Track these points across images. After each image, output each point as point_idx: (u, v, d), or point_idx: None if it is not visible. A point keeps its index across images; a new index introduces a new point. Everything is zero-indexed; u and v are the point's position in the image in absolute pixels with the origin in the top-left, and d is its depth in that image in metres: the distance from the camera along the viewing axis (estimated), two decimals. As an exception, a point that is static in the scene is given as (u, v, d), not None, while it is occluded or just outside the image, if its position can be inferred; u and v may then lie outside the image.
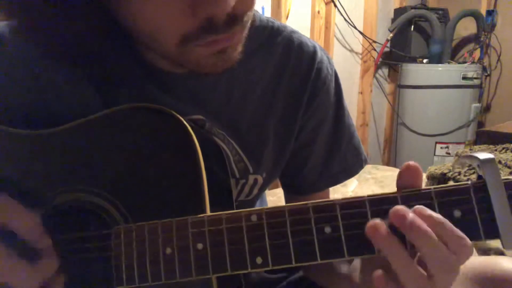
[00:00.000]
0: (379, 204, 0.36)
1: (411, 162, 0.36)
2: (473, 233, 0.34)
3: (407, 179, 0.36)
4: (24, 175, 0.46)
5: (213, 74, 0.44)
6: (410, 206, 0.34)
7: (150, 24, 0.38)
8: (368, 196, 0.36)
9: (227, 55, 0.42)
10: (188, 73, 0.50)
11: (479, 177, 0.34)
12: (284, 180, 0.66)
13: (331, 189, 0.66)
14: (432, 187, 0.35)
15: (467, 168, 1.38)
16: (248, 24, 0.42)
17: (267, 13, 1.84)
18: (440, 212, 0.34)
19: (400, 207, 0.33)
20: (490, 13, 2.28)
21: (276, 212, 0.38)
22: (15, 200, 0.40)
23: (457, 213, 0.34)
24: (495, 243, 1.04)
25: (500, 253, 0.98)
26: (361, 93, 2.39)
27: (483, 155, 0.33)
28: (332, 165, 0.61)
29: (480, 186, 0.34)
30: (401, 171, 0.36)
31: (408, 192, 0.35)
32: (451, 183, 1.41)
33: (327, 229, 0.36)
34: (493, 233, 0.33)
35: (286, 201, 0.69)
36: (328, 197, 0.67)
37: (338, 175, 0.62)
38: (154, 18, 0.37)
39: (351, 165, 0.63)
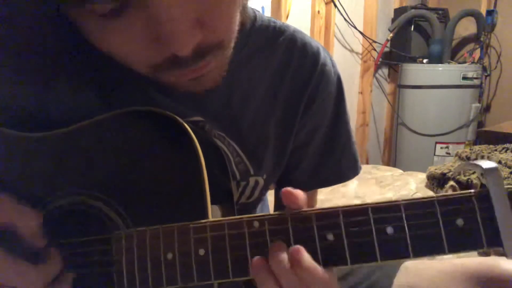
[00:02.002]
0: (382, 212, 0.36)
1: (284, 189, 0.38)
2: (476, 242, 0.34)
3: (289, 204, 0.38)
4: (25, 178, 0.45)
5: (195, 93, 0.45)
6: (412, 214, 0.34)
7: (119, 53, 0.38)
8: (371, 203, 0.36)
9: (204, 79, 0.41)
10: None
11: (482, 185, 0.34)
12: None
13: (331, 188, 0.65)
14: (434, 195, 0.35)
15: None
16: (230, 49, 0.41)
17: (267, 13, 1.84)
18: (442, 220, 0.34)
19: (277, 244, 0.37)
20: (490, 13, 2.27)
21: (278, 219, 0.38)
22: (17, 199, 0.40)
23: (459, 222, 0.34)
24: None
25: (500, 254, 0.97)
26: (361, 93, 2.39)
27: (486, 164, 0.33)
28: (324, 168, 0.61)
29: (483, 195, 0.34)
30: (282, 199, 0.38)
31: (410, 201, 0.35)
32: (451, 183, 1.42)
33: (330, 237, 0.36)
34: (496, 242, 0.33)
35: (275, 193, 0.68)
36: (314, 196, 0.67)
37: (328, 179, 0.62)
38: (122, 50, 0.37)
39: (345, 170, 0.62)
